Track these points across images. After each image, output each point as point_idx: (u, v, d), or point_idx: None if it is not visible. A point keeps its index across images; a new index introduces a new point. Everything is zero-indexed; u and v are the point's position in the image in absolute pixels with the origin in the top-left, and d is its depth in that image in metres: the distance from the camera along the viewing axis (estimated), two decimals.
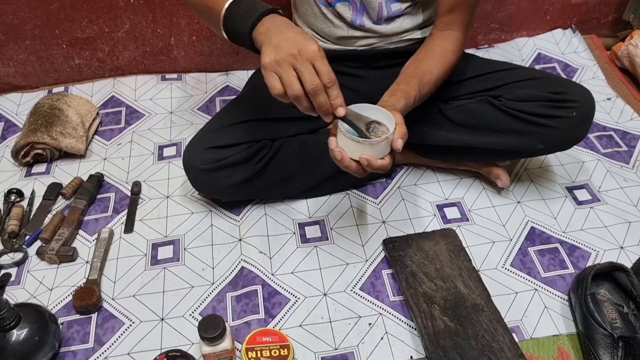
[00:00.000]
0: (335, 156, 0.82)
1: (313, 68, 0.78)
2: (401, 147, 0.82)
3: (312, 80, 0.77)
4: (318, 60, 0.78)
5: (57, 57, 1.48)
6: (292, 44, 0.77)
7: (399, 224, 1.17)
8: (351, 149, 0.81)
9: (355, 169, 0.83)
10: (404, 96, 0.93)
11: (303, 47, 0.77)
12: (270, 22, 0.82)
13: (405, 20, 1.14)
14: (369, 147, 0.80)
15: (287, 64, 0.77)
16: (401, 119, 0.84)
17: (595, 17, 1.69)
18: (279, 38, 0.79)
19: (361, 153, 0.80)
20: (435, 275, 1.04)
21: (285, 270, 1.08)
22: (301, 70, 0.77)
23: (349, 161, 0.82)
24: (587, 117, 1.06)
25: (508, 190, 1.24)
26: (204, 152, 1.07)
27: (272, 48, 0.78)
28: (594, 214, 1.19)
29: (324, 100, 0.79)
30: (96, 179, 1.24)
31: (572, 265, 1.09)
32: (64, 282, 1.06)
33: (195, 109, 1.46)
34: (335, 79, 0.79)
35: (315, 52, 0.78)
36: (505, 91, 1.10)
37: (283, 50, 0.77)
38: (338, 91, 0.80)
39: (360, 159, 0.81)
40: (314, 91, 0.78)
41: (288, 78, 0.78)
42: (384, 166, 0.82)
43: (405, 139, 0.83)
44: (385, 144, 0.81)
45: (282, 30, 0.80)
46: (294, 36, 0.79)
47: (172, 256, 1.11)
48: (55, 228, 1.14)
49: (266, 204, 1.20)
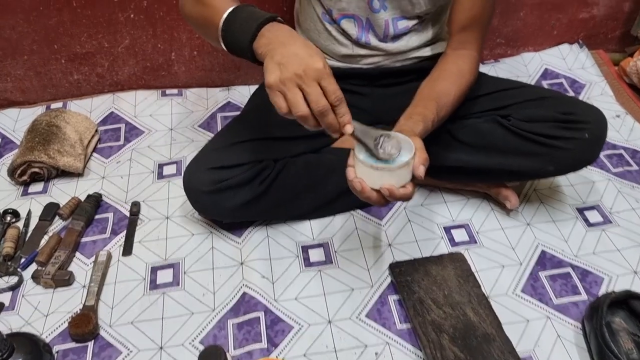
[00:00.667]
0: (355, 187, 0.78)
1: (319, 86, 0.74)
2: (424, 174, 0.78)
3: (319, 102, 0.74)
4: (325, 78, 0.74)
5: (55, 73, 1.45)
6: (296, 61, 0.74)
7: (405, 247, 1.14)
8: (371, 178, 0.77)
9: (377, 200, 0.78)
10: (422, 120, 0.90)
11: (308, 65, 0.73)
12: (271, 33, 0.78)
13: (412, 37, 1.11)
14: (388, 174, 0.76)
15: (292, 84, 0.74)
16: (421, 144, 0.81)
17: (603, 32, 1.66)
18: (282, 53, 0.75)
19: (381, 182, 0.77)
20: (444, 302, 1.01)
21: (289, 295, 1.05)
22: (307, 90, 0.74)
23: (369, 191, 0.78)
24: (599, 139, 1.03)
25: (517, 212, 1.20)
26: (205, 173, 1.04)
27: (276, 65, 0.74)
28: (605, 236, 1.16)
29: (332, 120, 0.75)
30: (94, 199, 1.20)
31: (585, 291, 1.06)
32: (60, 307, 1.03)
33: (196, 125, 1.43)
34: (342, 96, 0.75)
35: (321, 70, 0.74)
36: (514, 111, 1.07)
37: (287, 68, 0.74)
38: (345, 108, 0.76)
39: (382, 189, 0.77)
40: (321, 112, 0.74)
41: (294, 98, 0.74)
42: (406, 195, 0.78)
43: (427, 164, 0.79)
44: (406, 171, 0.77)
45: (284, 43, 0.76)
46: (298, 51, 0.75)
47: (171, 280, 1.08)
48: (51, 250, 1.10)
49: (269, 226, 1.17)
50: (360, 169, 0.78)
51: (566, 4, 1.57)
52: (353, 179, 0.78)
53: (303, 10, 1.16)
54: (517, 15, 1.56)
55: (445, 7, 1.11)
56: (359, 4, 1.06)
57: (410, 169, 0.78)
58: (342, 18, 1.09)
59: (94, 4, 1.34)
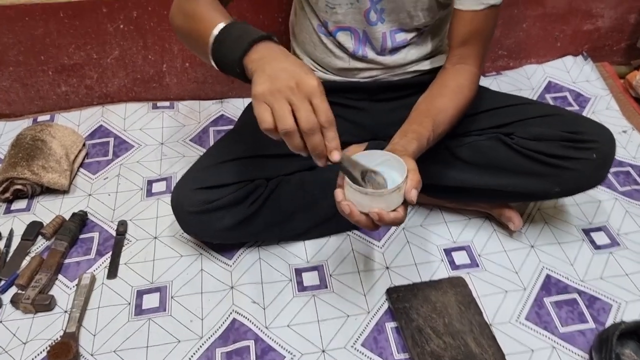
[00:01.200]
0: (344, 210, 0.73)
1: (310, 105, 0.69)
2: (415, 198, 0.73)
3: (309, 118, 0.68)
4: (317, 96, 0.68)
5: (42, 84, 1.40)
6: (289, 75, 0.68)
7: (403, 270, 1.08)
8: (360, 202, 0.73)
9: (366, 223, 0.74)
10: (416, 138, 0.85)
11: (302, 80, 0.68)
12: (265, 50, 0.73)
13: (411, 50, 1.07)
14: (379, 198, 0.72)
15: (282, 96, 0.68)
16: (414, 165, 0.76)
17: (608, 44, 1.62)
18: (274, 67, 0.70)
19: (371, 206, 0.72)
20: (444, 331, 0.95)
21: (281, 322, 1.00)
22: (297, 105, 0.68)
23: (359, 215, 0.73)
24: (607, 159, 0.98)
25: (520, 233, 1.15)
26: (193, 193, 0.99)
27: (266, 77, 0.69)
28: (613, 260, 1.11)
29: (319, 142, 0.69)
30: (79, 218, 1.15)
31: (593, 319, 1.00)
32: (40, 334, 0.98)
33: (187, 139, 1.38)
34: (333, 119, 0.70)
35: (315, 87, 0.68)
36: (518, 129, 1.02)
37: (279, 80, 0.68)
38: (335, 133, 0.70)
39: (371, 213, 0.72)
40: (310, 130, 0.68)
41: (281, 110, 0.68)
42: (397, 219, 0.73)
43: (420, 187, 0.75)
44: (398, 195, 0.73)
45: (277, 59, 0.71)
46: (292, 67, 0.70)
47: (158, 305, 1.03)
48: (32, 273, 1.05)
49: (261, 247, 1.12)
50: (350, 192, 0.73)
51: (570, 16, 1.53)
52: (342, 202, 0.74)
53: (298, 22, 1.11)
54: (519, 26, 1.52)
55: (445, 20, 1.06)
56: (355, 17, 1.01)
57: (402, 192, 0.73)
58: (338, 30, 1.04)
59: (82, 14, 1.29)
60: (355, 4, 0.99)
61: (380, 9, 1.00)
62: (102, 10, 1.30)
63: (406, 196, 0.73)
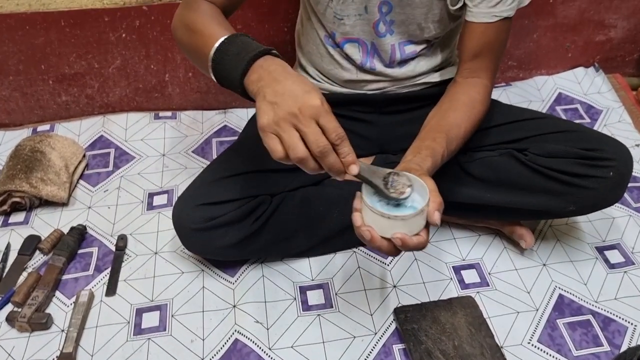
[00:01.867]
0: (364, 236, 0.70)
1: (317, 125, 0.66)
2: (439, 221, 0.70)
3: (318, 141, 0.65)
4: (323, 116, 0.66)
5: (42, 94, 1.37)
6: (290, 99, 0.66)
7: (411, 289, 1.05)
8: (380, 226, 0.69)
9: (388, 249, 0.70)
10: (430, 154, 0.81)
11: (304, 103, 0.65)
12: (263, 69, 0.70)
13: (420, 62, 1.04)
14: (401, 222, 0.68)
15: (288, 124, 0.66)
16: (434, 186, 0.72)
17: (620, 55, 1.58)
18: (274, 91, 0.67)
19: (393, 230, 0.68)
20: (454, 354, 0.92)
21: (284, 343, 0.96)
22: (304, 131, 0.65)
23: (380, 241, 0.69)
24: (624, 178, 0.95)
25: (532, 251, 1.12)
26: (195, 210, 0.96)
27: (269, 105, 0.67)
28: (628, 279, 1.07)
29: (334, 161, 0.67)
30: (78, 232, 1.12)
31: (607, 342, 0.97)
32: (35, 354, 0.95)
33: (189, 151, 1.35)
34: (344, 134, 0.67)
35: (318, 107, 0.66)
36: (532, 145, 0.99)
37: (281, 108, 0.66)
38: (349, 147, 0.68)
39: (393, 239, 0.68)
40: (321, 154, 0.66)
41: (290, 140, 0.66)
42: (421, 244, 0.70)
43: (442, 209, 0.71)
44: (420, 217, 0.69)
45: (277, 80, 0.68)
46: (292, 88, 0.67)
47: (157, 324, 0.99)
48: (29, 290, 1.02)
49: (264, 264, 1.09)
50: (369, 216, 0.69)
51: (581, 26, 1.49)
52: (361, 227, 0.70)
53: (305, 33, 1.08)
54: (530, 37, 1.49)
55: (455, 31, 1.03)
56: (363, 28, 0.99)
57: (425, 215, 0.69)
58: (346, 42, 1.01)
59: (83, 23, 1.27)
60: (364, 15, 0.96)
61: (389, 20, 0.97)
62: (104, 19, 1.27)
63: (429, 219, 0.70)
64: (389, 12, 0.96)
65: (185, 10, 0.87)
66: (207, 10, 0.86)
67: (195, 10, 0.85)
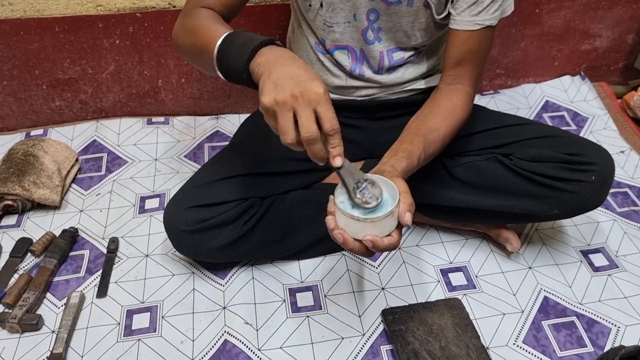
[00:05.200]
0: (337, 239, 0.72)
1: (314, 112, 0.67)
2: (410, 221, 0.72)
3: (308, 128, 0.67)
4: (322, 104, 0.67)
5: (36, 99, 1.39)
6: (294, 82, 0.67)
7: (399, 291, 1.07)
8: (352, 229, 0.71)
9: (360, 250, 0.72)
10: (406, 156, 0.84)
11: (306, 88, 0.67)
12: (270, 53, 0.72)
13: (408, 69, 1.06)
14: (371, 224, 0.70)
15: (286, 106, 0.67)
16: (405, 187, 0.74)
17: (605, 64, 1.61)
18: (279, 72, 0.69)
19: (364, 232, 0.70)
20: (441, 355, 0.93)
21: (273, 344, 0.98)
22: (299, 114, 0.67)
23: (352, 243, 0.71)
24: (606, 182, 0.97)
25: (518, 254, 1.14)
26: (186, 212, 0.97)
27: (272, 84, 0.68)
28: (612, 282, 1.09)
29: (317, 150, 0.69)
30: (70, 235, 1.13)
31: (591, 343, 0.99)
32: (25, 355, 0.95)
33: (182, 156, 1.36)
34: (338, 127, 0.69)
35: (320, 94, 0.67)
36: (517, 149, 1.01)
37: (284, 89, 0.67)
38: (339, 140, 0.69)
39: (364, 240, 0.70)
40: (307, 140, 0.67)
41: (284, 124, 0.68)
42: (392, 245, 0.72)
43: (413, 210, 0.73)
44: (391, 219, 0.71)
45: (284, 62, 0.70)
46: (297, 72, 0.68)
47: (148, 326, 1.00)
48: (20, 291, 1.03)
49: (254, 266, 1.10)
50: (341, 219, 0.71)
51: (567, 35, 1.52)
52: (334, 229, 0.72)
53: (295, 40, 1.10)
54: (517, 45, 1.52)
55: (442, 39, 1.06)
56: (352, 35, 1.01)
57: (395, 217, 0.71)
58: (336, 49, 1.03)
59: (77, 29, 1.28)
60: (353, 22, 0.99)
61: (377, 27, 0.99)
62: (98, 25, 1.29)
63: (400, 220, 0.72)
64: (377, 19, 0.98)
65: (185, 19, 0.90)
66: (209, 15, 0.88)
67: (195, 16, 0.88)
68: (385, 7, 0.96)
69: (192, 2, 0.91)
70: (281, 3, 1.33)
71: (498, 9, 0.93)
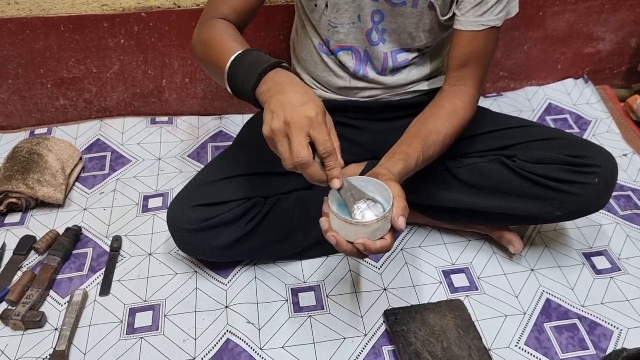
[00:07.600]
0: (330, 241, 0.73)
1: (310, 136, 0.70)
2: (404, 226, 0.72)
3: (298, 154, 0.69)
4: (314, 127, 0.70)
5: (41, 98, 1.39)
6: (288, 109, 0.70)
7: (401, 292, 1.07)
8: (346, 232, 0.71)
9: (353, 253, 0.73)
10: (403, 159, 0.84)
11: (297, 114, 0.69)
12: (272, 80, 0.75)
13: (412, 71, 1.06)
14: (364, 228, 0.70)
15: (282, 134, 0.70)
16: (399, 191, 0.75)
17: (609, 68, 1.62)
18: (276, 101, 0.72)
19: (357, 235, 0.70)
20: (443, 356, 0.93)
21: (276, 344, 0.98)
22: (291, 140, 0.70)
23: (346, 245, 0.72)
24: (609, 184, 0.97)
25: (520, 256, 1.14)
26: (190, 211, 0.97)
27: (270, 114, 0.72)
28: (614, 285, 1.09)
29: (313, 173, 0.71)
30: (73, 233, 1.14)
31: (594, 346, 0.99)
32: (29, 352, 0.96)
33: (185, 155, 1.37)
34: (332, 149, 0.70)
35: (311, 118, 0.69)
36: (520, 151, 1.01)
37: (279, 117, 0.70)
38: (335, 162, 0.71)
39: (357, 244, 0.71)
40: (299, 165, 0.70)
41: (282, 151, 0.71)
42: (384, 248, 0.72)
43: (407, 214, 0.73)
44: (384, 223, 0.71)
45: (282, 91, 0.72)
46: (293, 98, 0.71)
47: (150, 324, 1.01)
48: (23, 289, 1.03)
49: (257, 266, 1.10)
50: (335, 222, 0.72)
51: (571, 39, 1.53)
52: (328, 232, 0.73)
53: (300, 41, 1.11)
54: (520, 48, 1.52)
55: (447, 41, 1.06)
56: (357, 36, 1.01)
57: (389, 221, 0.72)
58: (340, 50, 1.04)
59: (82, 29, 1.29)
60: (358, 23, 0.99)
61: (382, 29, 0.99)
62: (104, 24, 1.29)
63: (394, 224, 0.72)
64: (381, 21, 0.98)
65: (202, 29, 0.92)
66: (223, 27, 0.90)
67: (211, 28, 0.90)
68: (390, 8, 0.96)
69: (209, 12, 0.94)
70: (285, 4, 1.33)
71: (503, 10, 0.93)
